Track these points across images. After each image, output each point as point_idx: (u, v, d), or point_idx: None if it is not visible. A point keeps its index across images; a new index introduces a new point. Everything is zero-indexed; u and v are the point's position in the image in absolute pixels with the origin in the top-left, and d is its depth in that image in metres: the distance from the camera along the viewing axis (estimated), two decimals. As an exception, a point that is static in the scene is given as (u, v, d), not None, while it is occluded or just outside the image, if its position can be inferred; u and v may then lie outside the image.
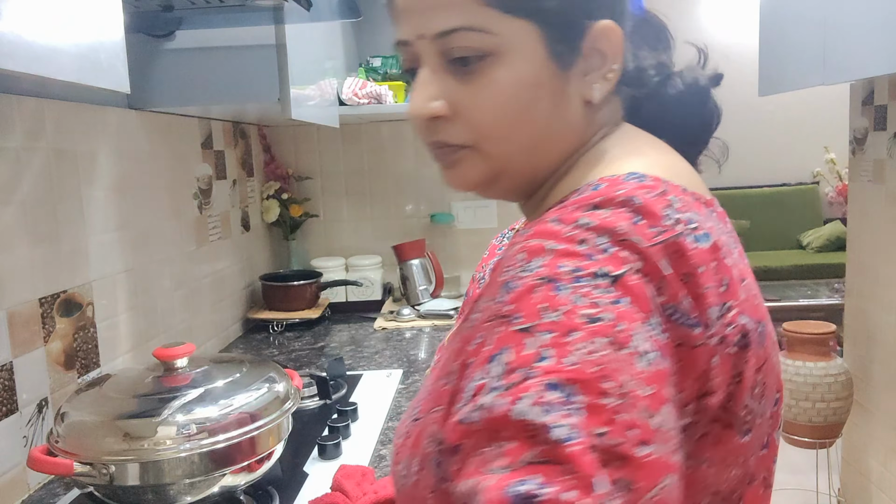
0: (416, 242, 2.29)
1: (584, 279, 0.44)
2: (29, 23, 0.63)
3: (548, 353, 0.42)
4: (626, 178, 0.52)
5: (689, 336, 0.46)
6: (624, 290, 0.44)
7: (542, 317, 0.43)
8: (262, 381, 0.98)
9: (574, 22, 0.55)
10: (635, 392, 0.41)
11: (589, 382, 0.40)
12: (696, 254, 0.48)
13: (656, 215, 0.48)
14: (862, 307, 2.10)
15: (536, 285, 0.45)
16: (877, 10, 1.38)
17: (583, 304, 0.43)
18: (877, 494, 2.06)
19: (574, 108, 0.57)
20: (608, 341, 0.42)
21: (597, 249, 0.46)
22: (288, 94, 1.45)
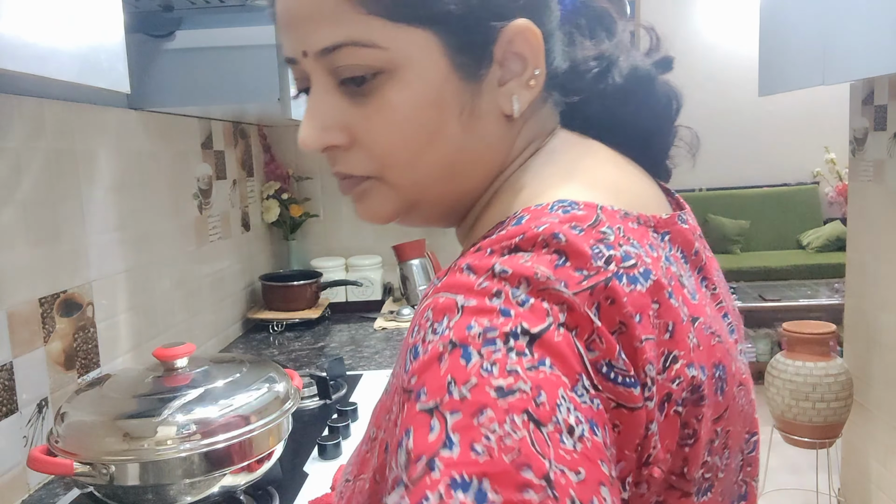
0: (416, 242, 2.28)
1: (496, 342, 0.37)
2: (29, 23, 0.63)
3: (454, 439, 0.34)
4: (552, 207, 0.44)
5: (626, 396, 0.39)
6: (545, 351, 0.37)
7: (447, 392, 0.36)
8: (262, 381, 0.98)
9: (479, 26, 0.47)
10: (561, 479, 0.34)
11: (504, 475, 0.33)
12: (632, 299, 0.41)
13: (584, 255, 0.41)
14: (862, 307, 2.10)
15: (442, 353, 0.37)
16: (877, 10, 1.38)
17: (495, 374, 0.36)
18: (877, 494, 2.06)
19: (491, 123, 0.50)
20: (526, 418, 0.35)
21: (512, 303, 0.38)
22: (288, 94, 1.45)
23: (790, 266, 4.42)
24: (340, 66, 0.47)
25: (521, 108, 0.49)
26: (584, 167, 0.51)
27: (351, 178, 0.51)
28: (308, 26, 0.47)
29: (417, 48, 0.46)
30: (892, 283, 1.93)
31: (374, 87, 0.47)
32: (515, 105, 0.49)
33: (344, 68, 0.47)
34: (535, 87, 0.49)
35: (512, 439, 0.34)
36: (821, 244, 4.68)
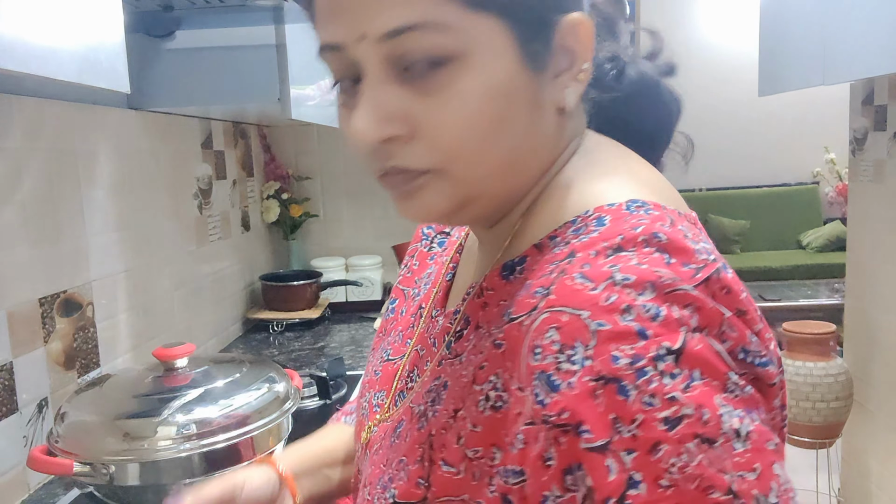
0: (416, 242, 2.28)
1: (646, 371, 0.37)
2: (29, 23, 0.63)
3: (638, 478, 0.36)
4: (629, 207, 0.45)
5: (766, 375, 0.41)
6: (691, 363, 0.38)
7: (616, 431, 0.36)
8: (262, 381, 0.98)
9: (545, 16, 0.46)
10: (743, 484, 0.36)
11: (693, 501, 0.36)
12: (737, 286, 0.42)
13: (688, 250, 0.41)
14: (862, 307, 2.10)
15: (594, 388, 0.37)
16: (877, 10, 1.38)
17: (657, 406, 0.36)
18: (877, 494, 2.06)
19: (549, 117, 0.49)
20: (699, 441, 0.36)
21: (646, 319, 0.38)
22: (288, 94, 1.45)
23: (790, 266, 4.42)
24: (407, 52, 0.44)
25: (573, 101, 0.49)
26: (628, 168, 0.51)
27: (406, 173, 0.48)
28: (372, 8, 0.44)
29: (489, 36, 0.45)
30: (892, 283, 1.93)
31: (440, 75, 0.44)
32: (569, 98, 0.49)
33: (411, 53, 0.44)
34: (584, 81, 0.49)
35: (691, 467, 0.36)
36: (821, 244, 4.68)
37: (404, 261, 0.75)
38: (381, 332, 0.70)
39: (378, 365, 0.64)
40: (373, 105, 0.45)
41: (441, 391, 0.50)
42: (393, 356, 0.63)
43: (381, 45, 0.44)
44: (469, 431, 0.45)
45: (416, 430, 0.50)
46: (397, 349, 0.63)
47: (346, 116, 0.49)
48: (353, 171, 2.44)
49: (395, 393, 0.59)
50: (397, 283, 0.72)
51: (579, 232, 0.45)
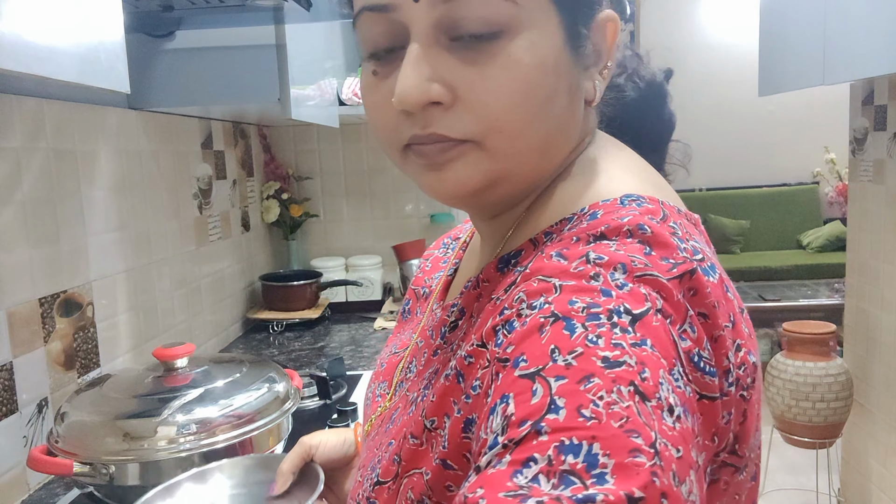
0: (416, 242, 2.29)
1: (600, 316, 0.36)
2: (29, 23, 0.63)
3: (560, 403, 0.33)
4: (623, 201, 0.45)
5: (710, 387, 0.39)
6: (645, 332, 0.37)
7: (551, 359, 0.35)
8: (262, 381, 0.98)
9: (591, 6, 0.48)
10: (666, 451, 0.33)
11: (615, 439, 0.32)
12: (711, 289, 0.41)
13: (669, 245, 0.41)
14: (862, 307, 2.10)
15: (543, 324, 0.37)
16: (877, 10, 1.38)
17: (601, 346, 0.35)
18: (877, 494, 2.06)
19: (580, 106, 0.49)
20: (632, 390, 0.34)
21: (612, 286, 0.38)
22: (288, 94, 1.45)
23: (790, 266, 4.42)
24: (461, 18, 0.44)
25: (599, 96, 0.50)
26: (633, 166, 0.51)
27: (443, 142, 0.46)
28: None
29: (540, 13, 0.45)
30: (892, 283, 1.93)
31: (491, 45, 0.44)
32: (598, 92, 0.49)
33: (465, 20, 0.44)
34: (607, 77, 0.50)
35: (619, 407, 0.33)
36: (821, 244, 4.68)
37: (419, 264, 0.77)
38: (397, 331, 0.72)
39: (385, 358, 0.67)
40: (421, 66, 0.44)
41: (433, 377, 0.51)
42: (398, 349, 0.65)
43: (436, 7, 0.44)
44: (430, 403, 0.46)
45: (406, 416, 0.51)
46: (404, 343, 0.65)
47: (376, 86, 0.48)
48: (353, 171, 2.44)
49: (395, 384, 0.60)
50: (410, 285, 0.74)
51: (573, 228, 0.45)
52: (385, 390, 0.62)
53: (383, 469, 0.49)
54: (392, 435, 0.51)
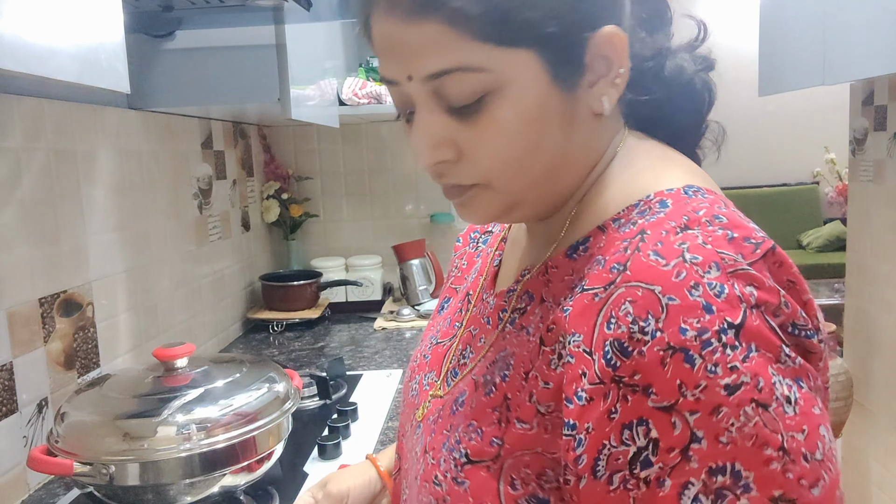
0: (416, 242, 2.29)
1: (712, 342, 0.42)
2: (29, 23, 0.63)
3: (700, 434, 0.41)
4: (687, 191, 0.50)
5: (813, 346, 0.46)
6: (749, 338, 0.42)
7: (681, 394, 0.42)
8: (262, 381, 0.98)
9: (574, 40, 0.50)
10: (793, 443, 0.41)
11: (750, 456, 0.41)
12: (788, 259, 0.47)
13: (747, 228, 0.46)
14: (862, 307, 2.10)
15: (663, 357, 0.42)
16: (877, 10, 1.38)
17: (720, 374, 0.41)
18: (877, 494, 2.06)
19: (585, 125, 0.54)
20: (754, 406, 0.41)
21: (711, 295, 0.43)
22: (288, 94, 1.45)
23: (790, 266, 4.41)
24: (449, 90, 0.50)
25: (610, 106, 0.53)
26: (672, 160, 0.56)
27: (458, 187, 0.55)
28: (414, 52, 0.49)
29: (521, 67, 0.49)
30: (892, 283, 1.93)
31: (480, 105, 0.50)
32: (606, 105, 0.53)
33: (453, 91, 0.50)
34: (622, 84, 0.53)
35: (748, 427, 0.41)
36: (821, 244, 4.67)
37: (452, 264, 0.80)
38: (431, 326, 0.74)
39: (427, 349, 0.69)
40: (423, 134, 0.52)
41: (510, 359, 0.54)
42: (441, 339, 0.68)
43: (427, 83, 0.50)
44: (541, 389, 0.49)
45: (483, 397, 0.54)
46: (445, 333, 0.68)
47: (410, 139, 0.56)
48: (353, 171, 2.44)
49: (446, 372, 0.63)
50: (449, 284, 0.78)
51: (644, 213, 0.49)
52: (434, 379, 0.65)
53: (475, 449, 0.52)
54: (471, 417, 0.54)
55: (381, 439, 1.26)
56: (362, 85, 2.03)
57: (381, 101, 2.04)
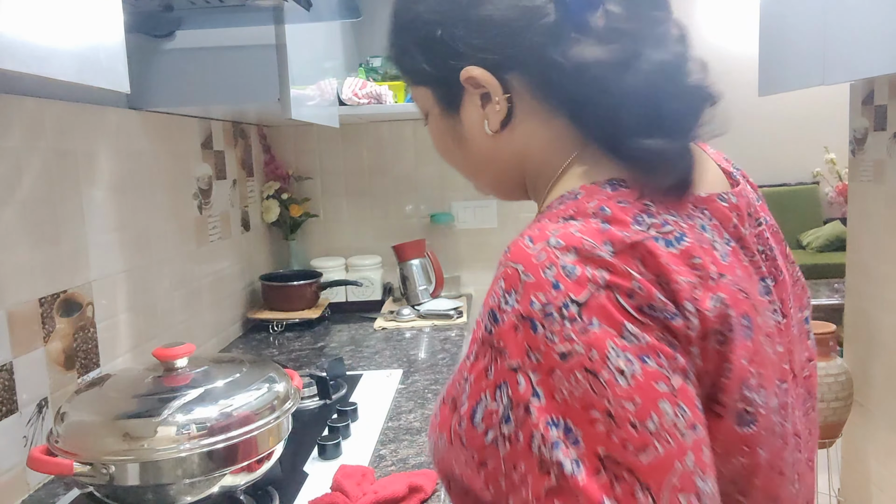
0: (416, 242, 2.29)
1: (554, 315, 0.49)
2: (29, 23, 0.63)
3: (539, 391, 0.48)
4: (605, 185, 0.57)
5: (674, 327, 0.51)
6: (591, 313, 0.49)
7: (527, 357, 0.49)
8: (262, 381, 0.98)
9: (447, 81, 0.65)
10: (620, 411, 0.47)
11: (578, 414, 0.47)
12: (668, 254, 0.52)
13: (624, 222, 0.53)
14: (862, 307, 2.10)
15: (516, 324, 0.50)
16: (877, 10, 1.38)
17: (556, 342, 0.49)
18: (877, 494, 2.06)
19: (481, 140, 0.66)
20: (585, 372, 0.48)
21: (562, 275, 0.50)
22: (288, 94, 1.45)
23: (790, 266, 4.41)
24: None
25: (495, 126, 0.64)
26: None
27: None
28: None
29: (426, 99, 0.70)
30: (892, 283, 1.93)
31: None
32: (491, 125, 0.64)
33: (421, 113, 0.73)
34: (502, 110, 0.63)
35: (578, 390, 0.48)
36: (821, 244, 4.67)
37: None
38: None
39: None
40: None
41: None
42: None
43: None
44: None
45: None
46: None
47: None
48: (353, 171, 2.44)
49: None
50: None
51: (559, 204, 0.57)
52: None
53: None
54: None
55: (381, 439, 1.26)
56: (362, 85, 2.03)
57: (381, 101, 2.04)
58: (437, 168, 2.43)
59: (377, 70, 2.21)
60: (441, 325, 2.08)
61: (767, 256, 0.63)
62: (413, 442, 1.24)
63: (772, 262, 0.64)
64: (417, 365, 1.70)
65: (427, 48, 0.66)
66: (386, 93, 2.06)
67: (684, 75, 0.60)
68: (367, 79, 2.13)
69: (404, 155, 2.43)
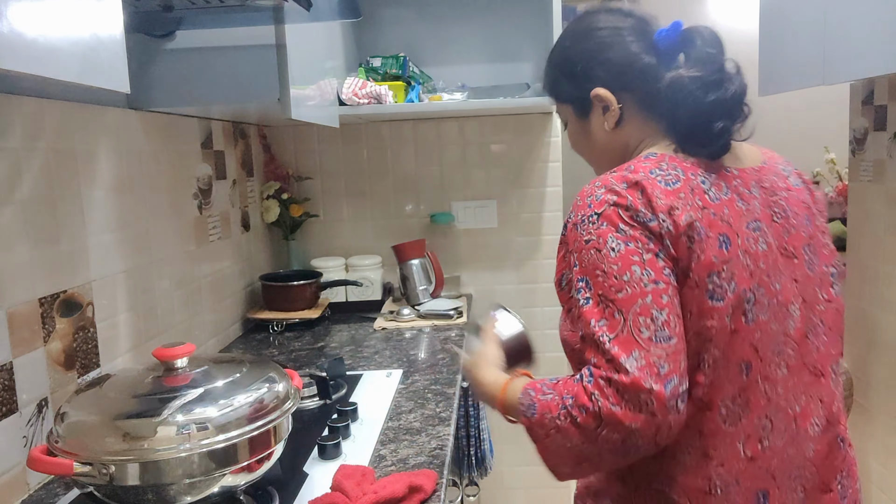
0: (416, 242, 2.29)
1: (587, 220, 0.90)
2: (29, 23, 0.63)
3: (576, 263, 0.90)
4: (647, 155, 0.96)
5: (648, 226, 0.87)
6: (601, 219, 0.88)
7: (573, 244, 0.91)
8: (262, 381, 0.98)
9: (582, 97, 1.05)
10: (609, 268, 0.86)
11: (590, 273, 0.88)
12: (657, 190, 0.88)
13: (638, 173, 0.91)
14: (862, 307, 2.10)
15: (571, 228, 0.92)
16: (877, 10, 1.38)
17: (584, 234, 0.89)
18: (877, 494, 2.06)
19: (602, 134, 1.06)
20: (594, 250, 0.88)
21: (594, 199, 0.90)
22: (288, 94, 1.45)
23: (790, 266, 4.40)
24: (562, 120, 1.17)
25: (611, 126, 1.04)
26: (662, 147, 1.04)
27: None
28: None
29: (567, 112, 1.11)
30: (892, 283, 1.93)
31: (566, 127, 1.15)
32: (608, 124, 1.04)
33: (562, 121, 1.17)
34: (615, 114, 1.03)
35: (589, 259, 0.88)
36: (821, 244, 4.66)
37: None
38: None
39: None
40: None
41: None
42: None
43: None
44: None
45: None
46: None
47: None
48: (353, 171, 2.44)
49: None
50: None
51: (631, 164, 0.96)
52: None
53: None
54: None
55: (381, 439, 1.26)
56: (362, 85, 2.03)
57: (381, 101, 2.04)
58: (437, 168, 2.43)
59: (377, 70, 2.21)
60: (441, 325, 2.08)
61: (778, 214, 0.96)
62: (413, 442, 1.24)
63: (784, 220, 0.96)
64: (417, 365, 1.70)
65: (571, 77, 1.06)
66: (386, 93, 2.05)
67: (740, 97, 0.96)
68: (367, 79, 2.13)
69: (404, 155, 2.43)
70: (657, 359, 0.80)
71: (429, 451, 1.20)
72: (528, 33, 2.37)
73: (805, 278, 0.95)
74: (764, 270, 0.89)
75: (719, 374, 0.87)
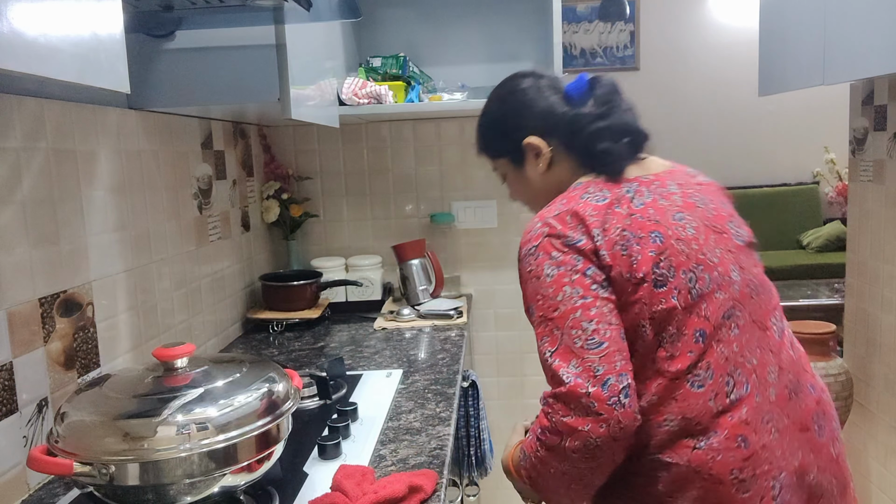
0: (416, 242, 2.29)
1: (528, 253, 1.05)
2: (29, 23, 0.63)
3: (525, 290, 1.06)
4: (573, 186, 1.11)
5: (577, 247, 1.01)
6: (538, 250, 1.03)
7: (522, 275, 1.07)
8: (262, 381, 0.98)
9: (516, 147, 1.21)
10: (546, 292, 1.01)
11: (534, 299, 1.03)
12: (589, 209, 1.03)
13: (569, 200, 1.07)
14: (862, 307, 2.10)
15: (519, 260, 1.08)
16: (877, 10, 1.39)
17: (527, 266, 1.04)
18: (877, 494, 2.06)
19: (537, 177, 1.21)
20: (535, 278, 1.02)
21: (533, 234, 1.05)
22: (288, 94, 1.45)
23: (790, 266, 4.41)
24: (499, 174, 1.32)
25: (543, 168, 1.19)
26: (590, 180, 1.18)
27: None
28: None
29: (505, 164, 1.26)
30: (892, 283, 1.93)
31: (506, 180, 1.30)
32: (541, 168, 1.19)
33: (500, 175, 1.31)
34: (546, 158, 1.18)
35: (532, 287, 1.04)
36: (821, 244, 4.67)
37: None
38: None
39: None
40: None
41: None
42: None
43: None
44: None
45: None
46: None
47: None
48: (353, 171, 2.44)
49: None
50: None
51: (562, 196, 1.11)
52: None
53: None
54: None
55: (381, 439, 1.26)
56: (362, 85, 2.03)
57: (381, 101, 2.04)
58: (437, 168, 2.43)
59: (377, 70, 2.21)
60: (441, 325, 2.08)
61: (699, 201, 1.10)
62: (413, 442, 1.24)
63: (705, 205, 1.10)
64: (417, 365, 1.70)
65: (503, 133, 1.22)
66: (386, 93, 2.05)
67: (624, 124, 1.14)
68: (367, 79, 2.13)
69: (404, 155, 2.43)
70: (591, 363, 0.94)
71: (429, 451, 1.20)
72: (527, 33, 2.37)
73: (736, 248, 1.08)
74: (698, 250, 1.03)
75: (678, 347, 0.99)
